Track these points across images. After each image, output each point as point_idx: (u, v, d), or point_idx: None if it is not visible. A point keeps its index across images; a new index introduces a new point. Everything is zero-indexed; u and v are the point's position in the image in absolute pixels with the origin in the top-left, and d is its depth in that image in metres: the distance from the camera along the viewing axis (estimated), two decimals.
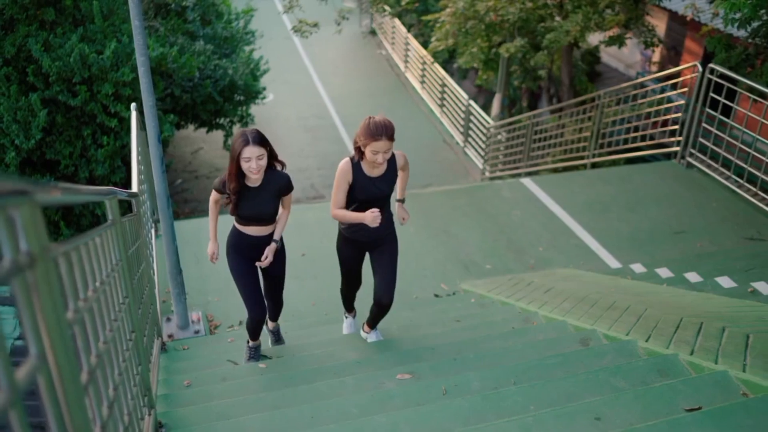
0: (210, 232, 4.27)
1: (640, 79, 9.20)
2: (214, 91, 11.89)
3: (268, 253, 4.10)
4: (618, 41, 10.65)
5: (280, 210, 4.17)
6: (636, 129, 9.39)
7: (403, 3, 15.59)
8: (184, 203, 13.30)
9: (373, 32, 22.92)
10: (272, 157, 3.88)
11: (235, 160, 3.74)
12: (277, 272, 4.34)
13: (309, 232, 7.84)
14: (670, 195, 7.94)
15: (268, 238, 4.13)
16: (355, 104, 17.87)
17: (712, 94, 7.70)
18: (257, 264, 4.14)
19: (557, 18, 11.05)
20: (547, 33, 10.36)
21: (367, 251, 4.28)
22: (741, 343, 3.54)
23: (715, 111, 7.61)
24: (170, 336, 5.63)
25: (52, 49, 8.68)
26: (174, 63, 10.23)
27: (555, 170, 11.12)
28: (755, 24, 7.05)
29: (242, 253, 4.13)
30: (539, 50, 11.29)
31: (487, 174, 13.81)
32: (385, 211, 4.04)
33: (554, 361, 3.76)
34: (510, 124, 13.19)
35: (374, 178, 3.95)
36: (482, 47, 11.63)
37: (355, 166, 3.91)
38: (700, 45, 14.80)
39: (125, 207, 6.77)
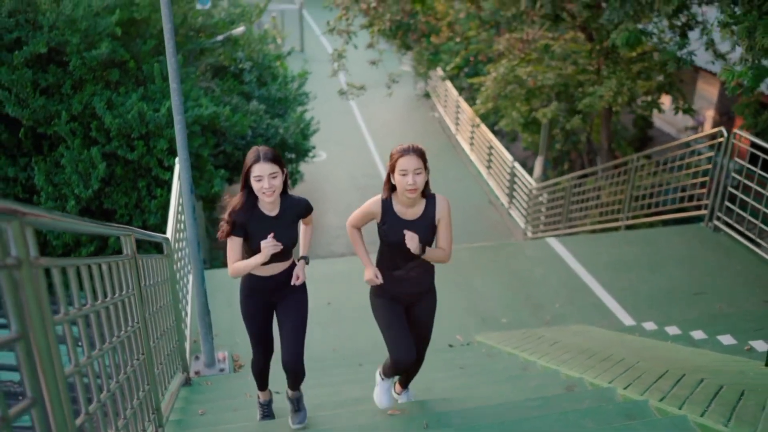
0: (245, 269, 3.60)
1: (668, 144, 9.39)
2: None
3: (299, 272, 3.70)
4: (652, 106, 10.90)
5: (301, 231, 3.86)
6: (666, 192, 9.53)
7: (448, 69, 16.19)
8: None
9: (427, 95, 23.60)
10: (285, 181, 3.57)
11: (245, 179, 3.47)
12: (297, 312, 3.83)
13: (337, 282, 8.21)
14: (694, 257, 8.03)
15: (287, 275, 3.74)
16: None
17: (737, 159, 7.85)
18: (293, 283, 3.72)
19: (596, 85, 11.38)
20: (584, 98, 10.69)
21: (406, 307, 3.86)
22: (711, 393, 3.70)
23: (741, 175, 7.75)
24: (197, 372, 6.04)
25: (114, 106, 9.49)
26: (226, 121, 10.94)
27: (593, 231, 11.26)
28: None
29: (259, 298, 3.77)
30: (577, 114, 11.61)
31: (529, 234, 14.00)
32: (424, 262, 3.71)
33: (535, 404, 3.98)
34: (551, 185, 13.44)
35: (407, 221, 3.59)
36: (522, 111, 12.02)
37: (386, 204, 3.60)
38: None
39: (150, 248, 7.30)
